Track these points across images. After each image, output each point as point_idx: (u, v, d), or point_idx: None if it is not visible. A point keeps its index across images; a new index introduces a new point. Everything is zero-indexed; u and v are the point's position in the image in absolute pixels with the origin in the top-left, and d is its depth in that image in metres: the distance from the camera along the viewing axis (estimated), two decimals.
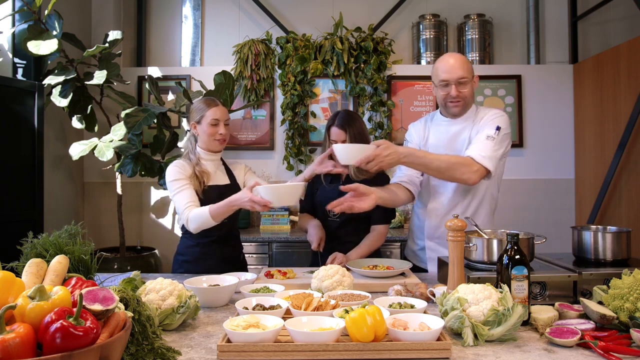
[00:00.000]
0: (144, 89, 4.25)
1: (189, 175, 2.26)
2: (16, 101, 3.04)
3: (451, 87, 2.15)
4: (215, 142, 2.31)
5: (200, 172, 2.27)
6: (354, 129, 2.37)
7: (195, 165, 2.29)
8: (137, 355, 1.16)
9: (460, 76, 2.12)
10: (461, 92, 2.15)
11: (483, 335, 1.35)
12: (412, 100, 4.23)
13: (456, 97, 2.15)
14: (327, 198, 2.44)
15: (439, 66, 2.18)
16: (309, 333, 1.28)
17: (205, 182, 2.27)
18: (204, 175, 2.28)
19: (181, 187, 2.21)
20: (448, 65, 2.14)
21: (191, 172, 2.27)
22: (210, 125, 2.28)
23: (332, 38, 4.12)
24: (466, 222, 1.83)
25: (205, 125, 2.28)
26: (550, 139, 4.23)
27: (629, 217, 3.48)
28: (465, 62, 2.15)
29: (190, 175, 2.26)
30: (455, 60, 2.15)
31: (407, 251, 2.54)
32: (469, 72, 2.15)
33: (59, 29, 3.17)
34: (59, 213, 3.74)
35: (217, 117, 2.28)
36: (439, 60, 2.21)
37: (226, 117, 2.33)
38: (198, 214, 2.13)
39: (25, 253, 1.72)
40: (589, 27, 4.34)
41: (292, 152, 4.15)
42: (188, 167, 2.28)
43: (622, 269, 1.55)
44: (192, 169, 2.28)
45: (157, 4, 4.52)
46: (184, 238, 2.37)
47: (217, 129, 2.29)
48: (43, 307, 0.96)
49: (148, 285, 1.55)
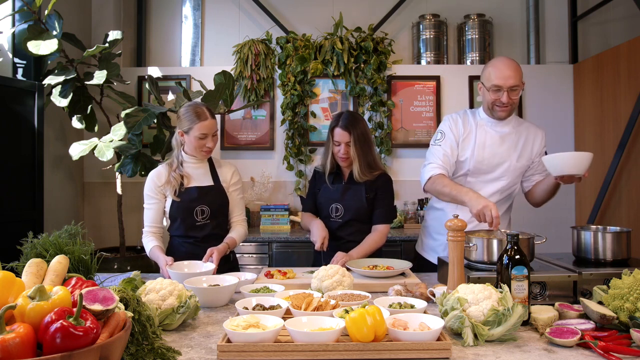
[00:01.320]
0: (144, 89, 4.25)
1: (162, 184, 2.31)
2: (16, 101, 3.04)
3: (503, 93, 2.17)
4: (201, 152, 2.33)
5: (177, 177, 2.30)
6: (358, 130, 2.38)
7: (175, 169, 2.31)
8: (137, 355, 1.16)
9: (513, 84, 2.15)
10: (512, 99, 2.18)
11: (483, 335, 1.35)
12: (412, 100, 4.23)
13: (506, 103, 2.18)
14: (330, 198, 2.46)
15: (492, 71, 2.19)
16: (309, 333, 1.28)
17: (184, 184, 2.31)
18: (184, 178, 2.31)
19: (148, 205, 2.34)
20: (503, 73, 2.16)
21: (165, 179, 2.31)
22: (198, 139, 2.28)
23: (332, 38, 4.12)
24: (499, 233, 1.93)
25: (193, 138, 2.28)
26: (550, 139, 4.19)
27: (629, 217, 3.48)
28: (519, 70, 2.18)
29: (164, 183, 2.31)
30: (511, 68, 2.16)
31: (424, 247, 2.52)
32: (521, 80, 2.18)
33: (59, 29, 3.17)
34: (59, 213, 3.74)
35: (205, 132, 2.28)
36: (494, 64, 2.21)
37: (215, 129, 2.32)
38: (145, 243, 2.32)
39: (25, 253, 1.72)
40: (589, 27, 4.34)
41: (292, 152, 4.15)
42: (163, 176, 2.32)
43: (622, 269, 1.55)
44: (167, 176, 2.31)
45: (157, 4, 4.52)
46: (172, 238, 2.41)
47: (205, 142, 2.29)
48: (43, 307, 0.96)
49: (148, 285, 1.55)
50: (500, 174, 2.29)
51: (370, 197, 2.45)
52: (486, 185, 2.31)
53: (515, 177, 2.33)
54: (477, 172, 2.31)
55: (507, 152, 2.28)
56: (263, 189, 4.13)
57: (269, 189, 4.18)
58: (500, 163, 2.29)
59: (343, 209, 2.44)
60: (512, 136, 2.30)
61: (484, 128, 2.32)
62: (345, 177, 2.50)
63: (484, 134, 2.30)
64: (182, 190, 2.29)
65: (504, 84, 2.15)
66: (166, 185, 2.30)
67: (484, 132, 2.31)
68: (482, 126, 2.32)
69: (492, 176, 2.30)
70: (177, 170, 2.31)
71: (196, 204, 2.31)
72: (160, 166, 2.39)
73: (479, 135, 2.30)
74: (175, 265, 2.10)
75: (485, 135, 2.30)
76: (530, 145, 2.31)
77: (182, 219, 2.31)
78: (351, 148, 2.37)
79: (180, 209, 2.30)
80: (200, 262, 2.15)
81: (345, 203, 2.44)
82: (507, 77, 2.14)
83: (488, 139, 2.30)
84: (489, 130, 2.31)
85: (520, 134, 2.31)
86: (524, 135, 2.32)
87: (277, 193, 4.24)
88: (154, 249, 2.26)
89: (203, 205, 2.32)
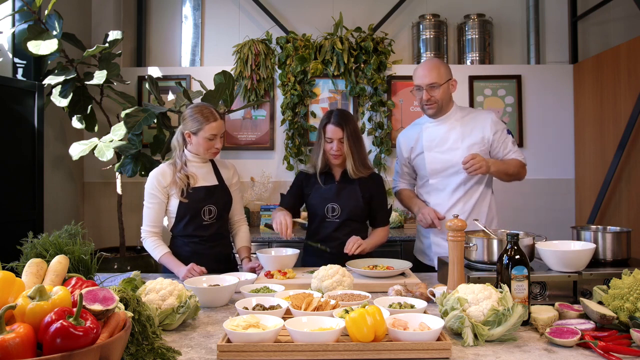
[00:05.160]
0: (144, 89, 4.24)
1: (167, 184, 2.28)
2: (16, 101, 3.04)
3: (423, 91, 2.32)
4: (209, 153, 2.33)
5: (183, 177, 2.28)
6: (350, 126, 2.39)
7: (180, 169, 2.30)
8: (137, 355, 1.16)
9: (429, 82, 2.30)
10: (432, 96, 2.31)
11: (483, 335, 1.35)
12: (412, 100, 4.22)
13: (427, 100, 2.33)
14: (325, 198, 2.45)
15: (414, 73, 2.38)
16: (309, 333, 1.28)
17: (190, 184, 2.29)
18: (190, 179, 2.30)
19: (149, 204, 2.31)
20: (419, 73, 2.34)
21: (171, 179, 2.29)
22: (207, 140, 2.28)
23: (332, 38, 4.12)
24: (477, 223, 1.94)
25: (202, 139, 2.28)
26: (550, 139, 4.23)
27: (629, 217, 3.48)
28: (435, 68, 2.31)
29: (170, 183, 2.28)
30: (426, 68, 2.33)
31: (416, 250, 2.61)
32: (440, 78, 2.30)
33: (59, 29, 3.17)
34: (59, 213, 3.74)
35: (214, 133, 2.28)
36: (417, 66, 2.40)
37: (223, 130, 2.33)
38: (151, 247, 2.28)
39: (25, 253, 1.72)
40: (589, 27, 4.34)
41: (292, 152, 4.15)
42: (168, 175, 2.30)
43: (622, 269, 1.55)
44: (172, 177, 2.29)
45: (157, 4, 4.52)
46: (175, 238, 2.39)
47: (214, 143, 2.30)
48: (43, 307, 0.96)
49: (148, 285, 1.55)
50: (456, 169, 2.34)
51: (366, 197, 2.45)
52: (447, 183, 2.39)
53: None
54: (434, 172, 2.41)
55: (454, 145, 2.36)
56: (263, 189, 4.13)
57: (269, 189, 4.18)
58: (451, 158, 2.35)
59: (340, 209, 2.43)
60: (457, 129, 2.37)
61: (428, 130, 2.43)
62: (337, 177, 2.49)
63: (428, 136, 2.41)
64: (189, 191, 2.28)
65: (421, 82, 2.32)
66: (172, 186, 2.28)
67: (428, 134, 2.42)
68: (426, 129, 2.43)
69: (449, 172, 2.37)
70: (182, 170, 2.30)
71: (204, 204, 2.30)
72: (163, 165, 2.36)
73: (425, 139, 2.42)
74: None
75: (430, 137, 2.41)
76: (480, 130, 2.36)
77: (189, 219, 2.30)
78: (344, 144, 2.37)
79: (189, 209, 2.29)
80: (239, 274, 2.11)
81: (342, 202, 2.42)
82: (422, 76, 2.31)
83: (433, 140, 2.40)
84: (432, 131, 2.41)
85: (466, 124, 2.38)
86: (471, 124, 2.38)
87: (277, 193, 4.23)
88: (167, 255, 2.25)
89: (210, 204, 2.32)
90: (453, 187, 2.37)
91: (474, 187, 2.38)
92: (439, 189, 2.40)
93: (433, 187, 2.42)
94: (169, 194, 2.30)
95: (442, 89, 2.31)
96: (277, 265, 2.19)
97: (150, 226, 2.30)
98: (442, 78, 2.31)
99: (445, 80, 2.32)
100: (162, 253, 2.26)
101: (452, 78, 2.37)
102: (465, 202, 2.37)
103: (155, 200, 2.30)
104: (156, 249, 2.27)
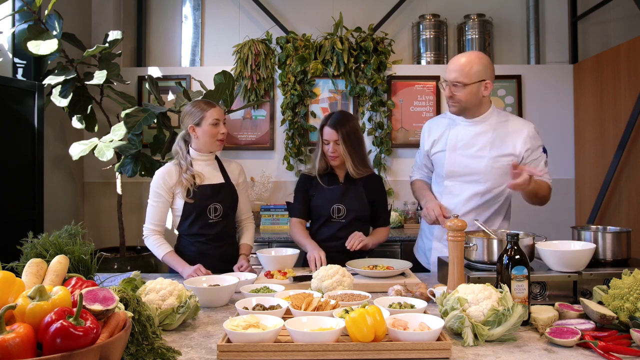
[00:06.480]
0: (144, 89, 4.24)
1: (173, 184, 2.29)
2: (16, 101, 3.04)
3: (447, 86, 2.15)
4: (217, 142, 2.34)
5: (190, 177, 2.28)
6: (346, 128, 2.38)
7: (185, 170, 2.30)
8: (137, 355, 1.16)
9: (453, 79, 2.11)
10: (455, 94, 2.12)
11: (483, 335, 1.35)
12: (412, 100, 4.22)
13: (449, 97, 2.15)
14: (330, 199, 2.45)
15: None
16: (309, 333, 1.28)
17: (197, 183, 2.29)
18: (196, 177, 2.30)
19: (154, 202, 2.31)
20: (449, 64, 2.17)
21: (177, 179, 2.29)
22: (212, 126, 2.30)
23: (332, 38, 4.12)
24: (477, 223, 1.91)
25: (207, 126, 2.29)
26: (550, 139, 4.22)
27: (629, 217, 3.48)
28: (466, 65, 2.09)
29: (175, 183, 2.29)
30: (455, 62, 2.14)
31: (416, 248, 2.56)
32: (467, 77, 2.08)
33: (59, 29, 3.17)
34: (59, 213, 3.74)
35: (217, 117, 2.31)
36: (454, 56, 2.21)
37: (224, 117, 2.37)
38: (154, 245, 2.28)
39: (25, 253, 1.72)
40: (589, 27, 4.34)
41: (292, 152, 4.15)
42: (175, 175, 2.30)
43: (622, 269, 1.55)
44: (178, 176, 2.29)
45: (157, 4, 4.51)
46: (181, 237, 2.39)
47: (219, 129, 2.32)
48: (43, 307, 0.96)
49: (148, 285, 1.55)
50: (476, 177, 2.19)
51: (369, 198, 2.47)
52: (463, 189, 2.23)
53: (496, 179, 2.18)
54: (452, 175, 2.24)
55: (481, 152, 2.17)
56: (263, 189, 4.13)
57: (269, 189, 4.18)
58: (474, 165, 2.18)
59: (345, 210, 2.44)
60: (488, 134, 2.18)
61: (457, 128, 2.24)
62: (341, 178, 2.50)
63: (455, 134, 2.23)
64: (195, 190, 2.28)
65: (447, 76, 2.13)
66: (177, 186, 2.29)
67: (456, 133, 2.23)
68: (455, 126, 2.25)
69: (468, 179, 2.21)
70: (188, 171, 2.30)
71: (210, 202, 2.31)
72: (170, 164, 2.36)
73: (451, 137, 2.24)
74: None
75: (456, 136, 2.23)
76: (511, 143, 2.15)
77: (195, 218, 2.30)
78: (340, 146, 2.38)
79: (195, 208, 2.29)
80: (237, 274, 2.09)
81: (348, 203, 2.43)
82: (450, 69, 2.13)
83: (459, 140, 2.22)
84: (461, 130, 2.23)
85: (499, 132, 2.17)
86: (503, 132, 2.17)
87: (277, 193, 4.24)
88: (170, 254, 2.25)
89: (216, 203, 2.33)
90: (468, 196, 2.21)
91: (490, 201, 2.21)
92: (453, 193, 2.24)
93: (447, 190, 2.26)
94: (174, 193, 2.31)
95: (468, 89, 2.08)
96: (277, 265, 2.19)
97: (153, 224, 2.30)
98: (471, 78, 2.07)
99: (476, 80, 2.08)
100: (166, 252, 2.26)
101: (486, 80, 2.11)
102: (477, 214, 2.19)
103: (159, 199, 2.30)
104: (159, 247, 2.27)
